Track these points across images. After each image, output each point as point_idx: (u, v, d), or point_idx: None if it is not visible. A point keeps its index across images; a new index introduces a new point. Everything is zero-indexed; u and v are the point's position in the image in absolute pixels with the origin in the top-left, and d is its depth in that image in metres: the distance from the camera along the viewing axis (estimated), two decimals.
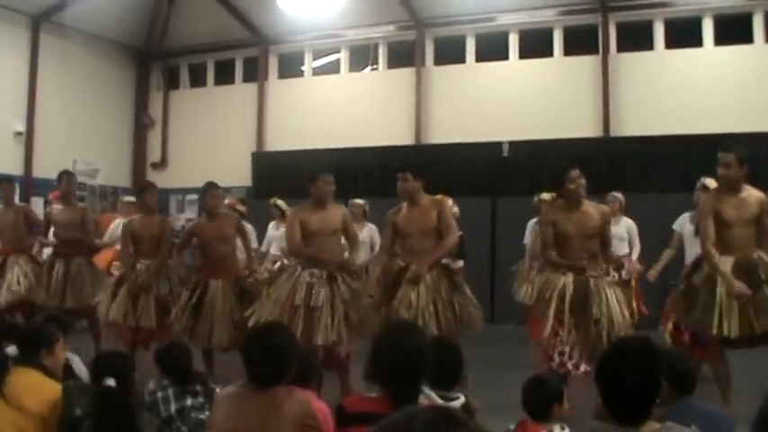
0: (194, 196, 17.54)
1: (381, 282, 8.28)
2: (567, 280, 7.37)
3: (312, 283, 8.05)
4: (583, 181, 7.56)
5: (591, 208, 7.69)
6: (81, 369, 5.45)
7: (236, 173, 19.16)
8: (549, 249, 7.71)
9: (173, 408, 4.93)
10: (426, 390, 3.96)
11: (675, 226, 10.20)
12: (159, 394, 5.02)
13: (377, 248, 11.43)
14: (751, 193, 7.37)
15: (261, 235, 12.56)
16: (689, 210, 10.09)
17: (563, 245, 7.62)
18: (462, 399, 4.33)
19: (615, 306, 7.30)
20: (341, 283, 8.22)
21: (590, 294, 7.29)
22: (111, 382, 4.33)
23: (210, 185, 9.69)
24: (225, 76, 20.71)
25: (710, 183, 9.47)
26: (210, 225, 9.43)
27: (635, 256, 11.46)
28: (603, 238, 7.75)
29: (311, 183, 8.43)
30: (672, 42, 16.72)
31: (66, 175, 10.94)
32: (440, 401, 3.98)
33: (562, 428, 4.53)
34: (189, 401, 4.96)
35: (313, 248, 8.28)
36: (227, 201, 12.87)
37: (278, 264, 11.38)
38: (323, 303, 7.93)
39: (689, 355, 4.93)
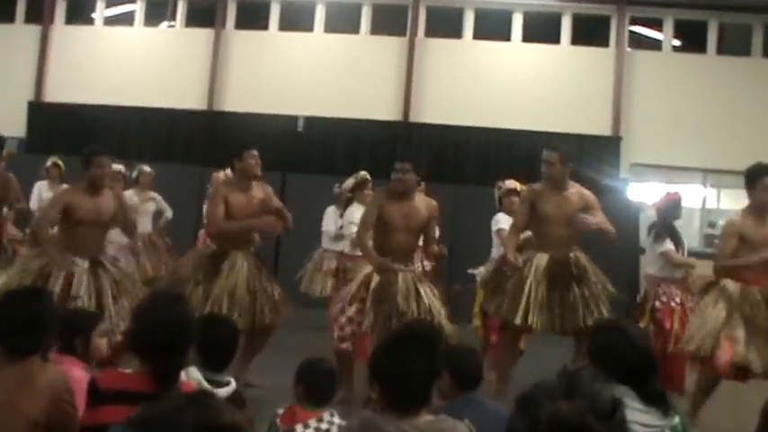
0: None
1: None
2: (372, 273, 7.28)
3: (72, 272, 7.13)
4: (410, 175, 7.34)
5: (420, 201, 7.54)
6: None
7: (8, 122, 16.99)
8: (365, 238, 7.47)
9: None
10: (193, 371, 3.97)
11: (504, 225, 9.27)
12: None
13: (167, 214, 11.52)
14: (576, 191, 7.46)
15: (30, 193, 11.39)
16: (485, 203, 10.00)
17: (387, 236, 7.40)
18: (233, 384, 4.24)
19: (433, 302, 7.22)
20: (105, 269, 7.40)
21: (394, 287, 7.13)
22: None
23: None
24: (4, 13, 18.76)
25: (514, 184, 9.41)
26: None
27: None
28: (427, 234, 7.66)
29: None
30: (480, 33, 16.92)
31: None
32: (206, 384, 3.98)
33: (332, 415, 4.46)
34: None
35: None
36: None
37: None
38: (85, 292, 7.05)
39: (475, 352, 4.72)
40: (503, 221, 9.24)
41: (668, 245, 8.31)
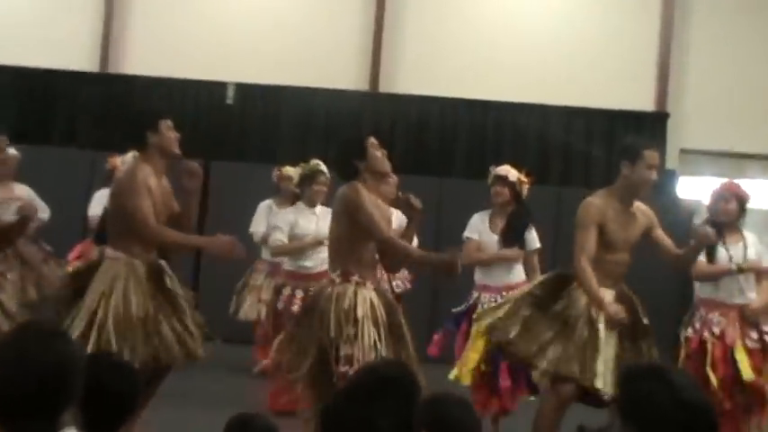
0: None
1: None
2: (371, 294, 7.16)
3: None
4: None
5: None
6: None
7: None
8: (395, 239, 7.39)
9: None
10: None
11: (469, 233, 9.58)
12: None
13: (42, 215, 10.91)
14: (639, 207, 7.51)
15: None
16: (480, 201, 9.65)
17: (364, 244, 7.24)
18: None
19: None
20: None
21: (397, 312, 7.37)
22: None
23: None
24: None
25: (505, 171, 9.36)
26: None
27: None
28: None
29: None
30: None
31: None
32: None
33: None
34: None
35: None
36: None
37: None
38: None
39: (466, 404, 4.27)
40: (474, 224, 9.41)
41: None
